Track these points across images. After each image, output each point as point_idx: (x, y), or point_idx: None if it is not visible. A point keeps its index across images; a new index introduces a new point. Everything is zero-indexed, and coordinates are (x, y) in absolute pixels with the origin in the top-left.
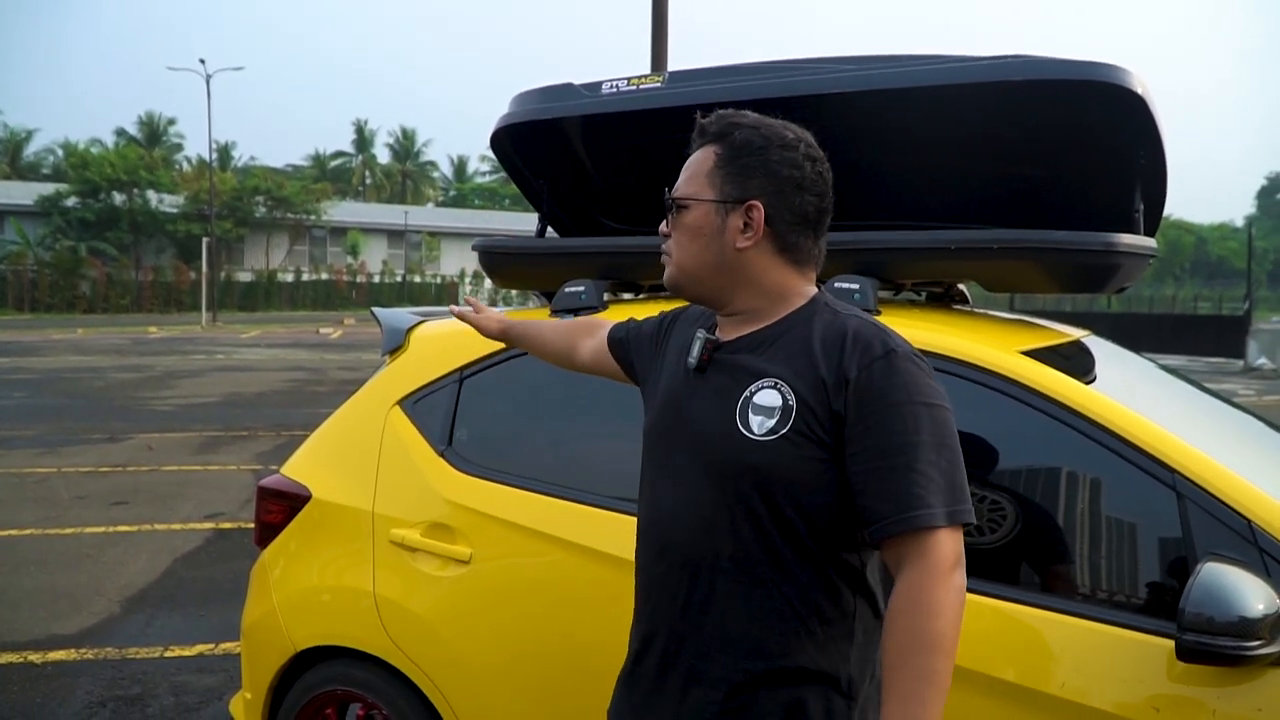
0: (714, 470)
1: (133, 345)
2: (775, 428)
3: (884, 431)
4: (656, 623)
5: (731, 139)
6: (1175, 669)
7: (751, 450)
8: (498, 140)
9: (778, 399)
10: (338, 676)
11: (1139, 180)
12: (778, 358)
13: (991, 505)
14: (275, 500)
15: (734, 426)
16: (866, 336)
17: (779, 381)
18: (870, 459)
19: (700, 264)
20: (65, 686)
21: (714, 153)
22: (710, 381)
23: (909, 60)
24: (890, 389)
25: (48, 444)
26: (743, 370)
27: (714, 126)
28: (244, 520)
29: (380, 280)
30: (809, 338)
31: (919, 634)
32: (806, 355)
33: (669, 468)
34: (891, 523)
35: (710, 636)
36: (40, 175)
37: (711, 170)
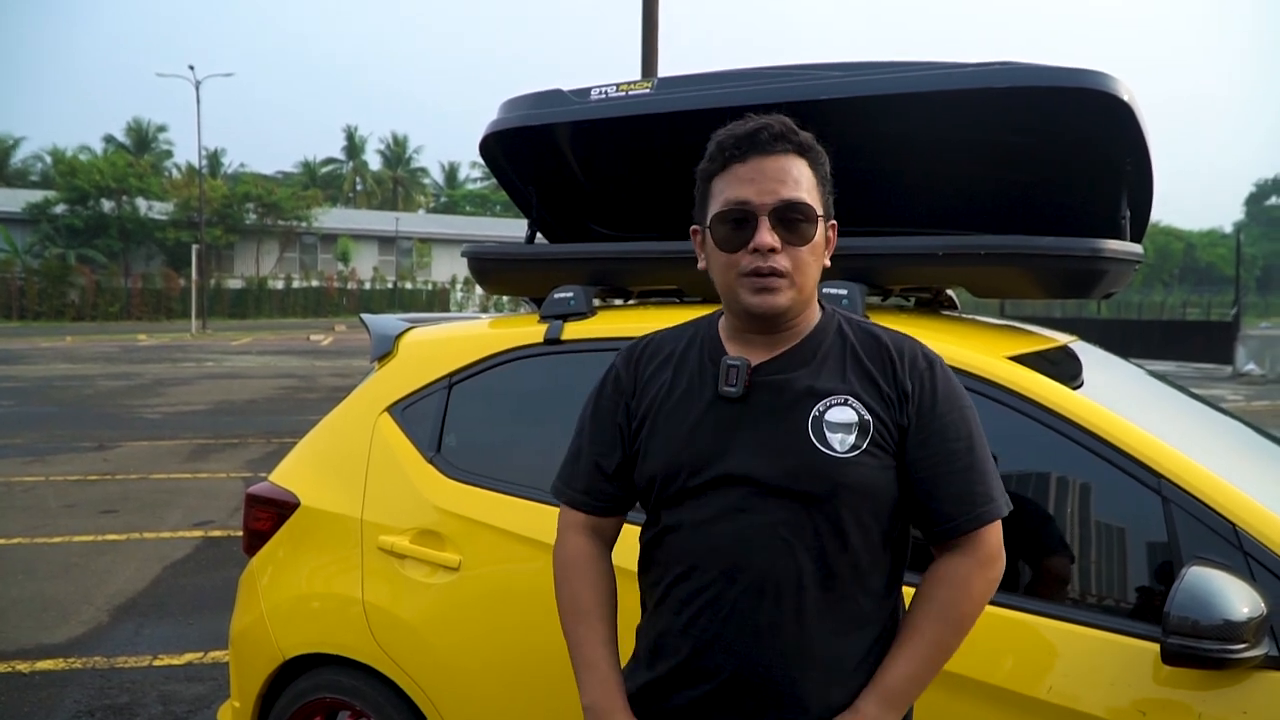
0: (793, 491)
1: (122, 353)
2: (857, 443)
3: (944, 439)
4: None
5: (816, 153)
6: (1161, 672)
7: (839, 468)
8: (487, 146)
9: (853, 415)
10: (326, 684)
11: (1125, 186)
12: (832, 373)
13: None
14: (263, 508)
15: (812, 446)
16: (908, 349)
17: (848, 398)
18: (936, 465)
19: (814, 284)
20: (53, 696)
21: (808, 165)
22: (758, 405)
23: (897, 67)
24: (941, 398)
25: (36, 452)
26: (798, 389)
27: (801, 136)
28: (233, 528)
29: (371, 287)
30: (848, 351)
31: (951, 610)
32: (860, 369)
33: (718, 497)
34: (965, 521)
35: (797, 659)
36: (28, 183)
37: (817, 184)
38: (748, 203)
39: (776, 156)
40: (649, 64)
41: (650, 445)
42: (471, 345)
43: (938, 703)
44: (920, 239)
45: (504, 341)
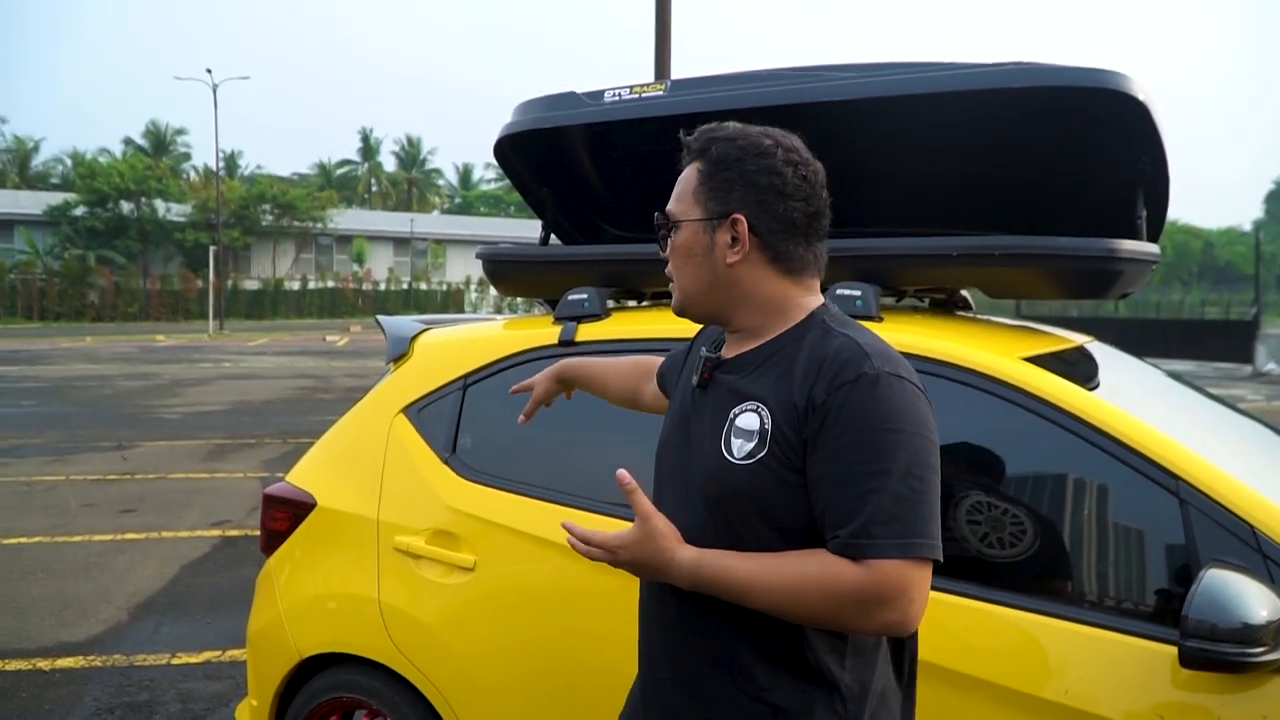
0: (702, 491)
1: (140, 353)
2: (753, 451)
3: (846, 458)
4: (651, 640)
5: (710, 154)
6: (1180, 676)
7: (730, 473)
8: (501, 149)
9: (756, 422)
10: (343, 683)
11: (1142, 186)
12: (764, 379)
13: (992, 512)
14: (280, 508)
15: (719, 448)
16: (844, 359)
17: (760, 405)
18: (827, 486)
19: (698, 285)
20: (73, 693)
21: (697, 169)
22: (709, 400)
23: (912, 67)
24: (854, 415)
25: (56, 452)
26: (731, 391)
27: (696, 143)
28: (250, 528)
29: (386, 288)
30: (796, 358)
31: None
32: (789, 378)
33: (671, 484)
34: (840, 544)
35: (698, 657)
36: (48, 185)
37: (696, 188)
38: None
39: (682, 172)
40: (662, 65)
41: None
42: (486, 347)
43: (954, 705)
44: (934, 240)
45: (519, 343)
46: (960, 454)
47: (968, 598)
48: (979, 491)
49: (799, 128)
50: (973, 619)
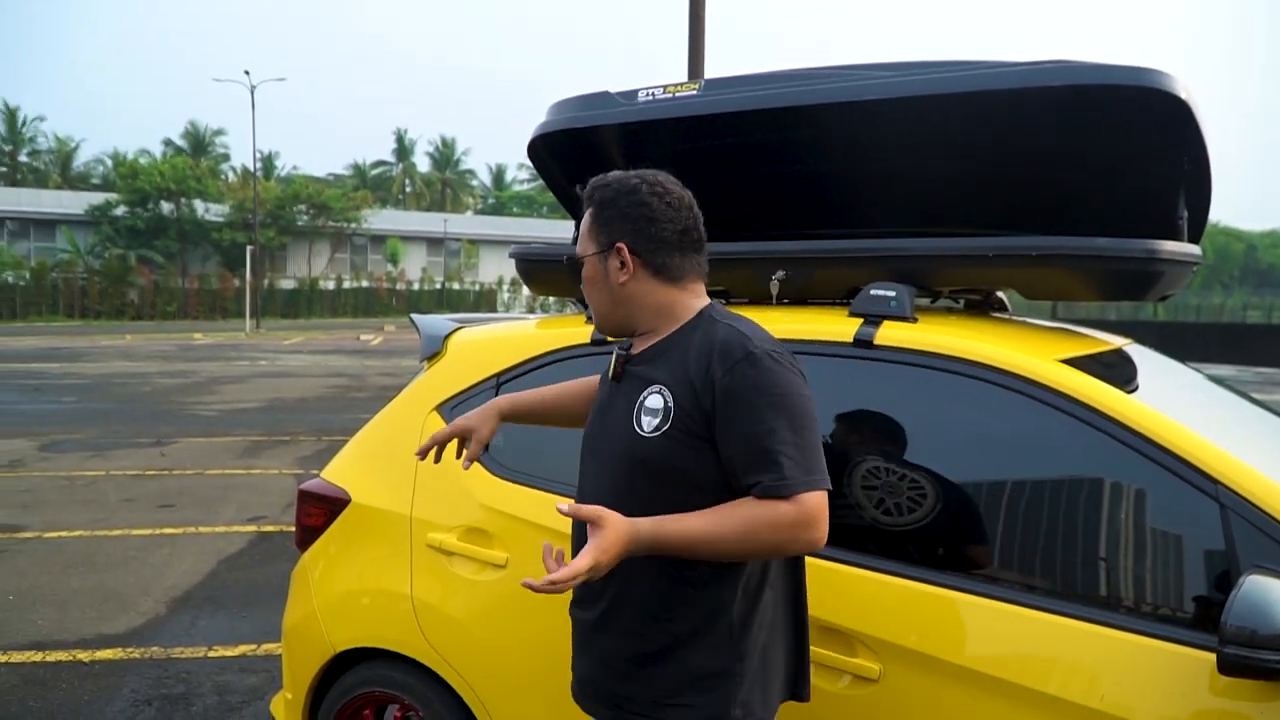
0: (616, 463)
1: (179, 351)
2: (659, 425)
3: (748, 422)
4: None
5: (594, 199)
6: (1218, 683)
7: (640, 445)
8: (535, 149)
9: (660, 401)
10: (376, 678)
11: (1183, 186)
12: (664, 366)
13: (1031, 515)
14: (316, 504)
15: (631, 427)
16: (730, 343)
17: (662, 387)
18: (739, 445)
19: (604, 305)
20: (112, 685)
21: (590, 214)
22: (622, 390)
23: (948, 66)
24: (748, 388)
25: (97, 447)
26: (640, 379)
27: (585, 194)
28: (285, 523)
29: (419, 287)
30: (689, 347)
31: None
32: (684, 362)
33: (593, 463)
34: (765, 490)
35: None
36: (89, 185)
37: (589, 228)
38: None
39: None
40: (695, 65)
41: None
42: (519, 346)
43: (991, 710)
44: (970, 240)
45: (551, 342)
46: (996, 457)
47: (1002, 601)
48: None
49: (833, 127)
50: (1009, 624)
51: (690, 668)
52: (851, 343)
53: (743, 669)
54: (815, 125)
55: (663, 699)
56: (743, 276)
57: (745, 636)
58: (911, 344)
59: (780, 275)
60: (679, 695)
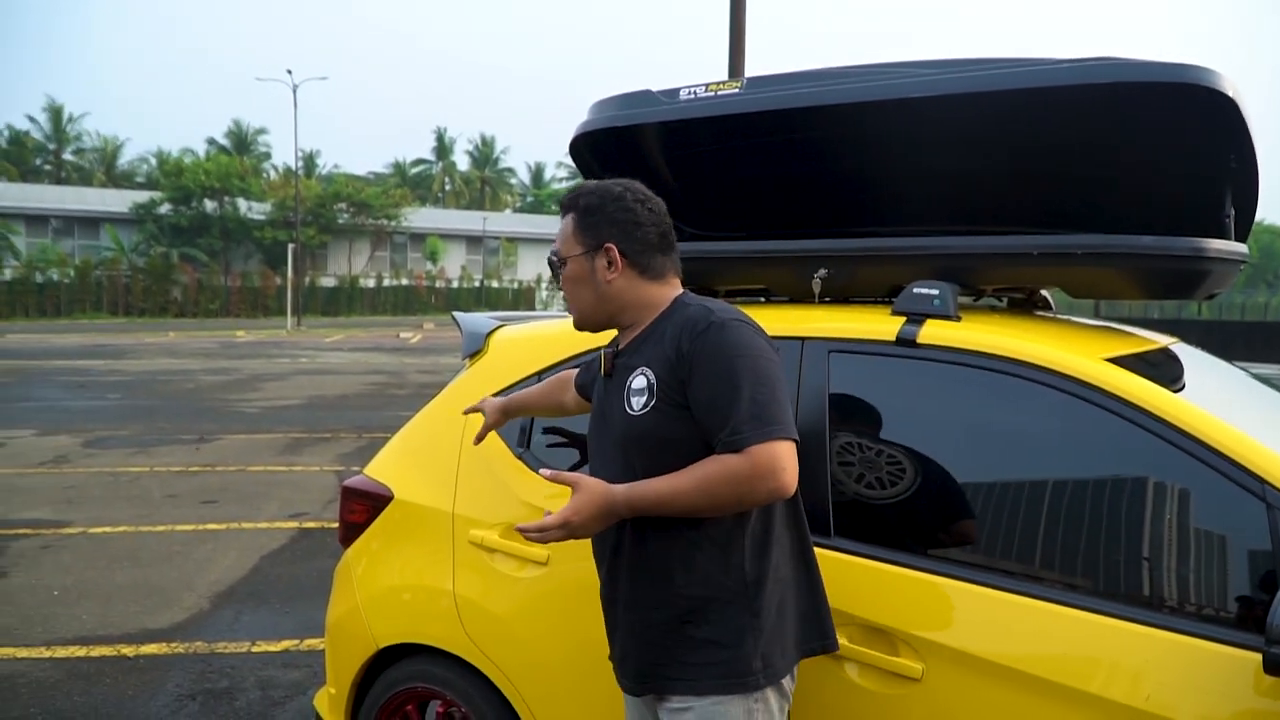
0: (614, 447)
1: (221, 349)
2: (646, 402)
3: (711, 382)
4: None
5: (579, 205)
6: (1263, 683)
7: (634, 423)
8: (577, 147)
9: (644, 381)
10: (419, 674)
11: (1230, 184)
12: (646, 350)
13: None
14: (359, 500)
15: (624, 411)
16: (695, 316)
17: (644, 367)
18: (703, 409)
19: (587, 303)
20: (156, 679)
21: (573, 218)
22: (614, 384)
23: (992, 63)
24: (712, 350)
25: (141, 444)
26: (627, 368)
27: (568, 200)
28: (327, 520)
29: (459, 285)
30: (662, 331)
31: (715, 476)
32: (660, 342)
33: (598, 455)
34: (723, 445)
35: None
36: (133, 184)
37: (573, 232)
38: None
39: (560, 224)
40: (736, 63)
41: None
42: (560, 344)
43: (1034, 709)
44: (1014, 238)
45: (591, 340)
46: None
47: (1046, 601)
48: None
49: (875, 125)
50: (1052, 623)
51: (711, 626)
52: (894, 341)
53: (760, 624)
54: (857, 123)
55: (687, 659)
56: (784, 275)
57: (760, 593)
58: (955, 343)
59: (822, 273)
60: (702, 653)
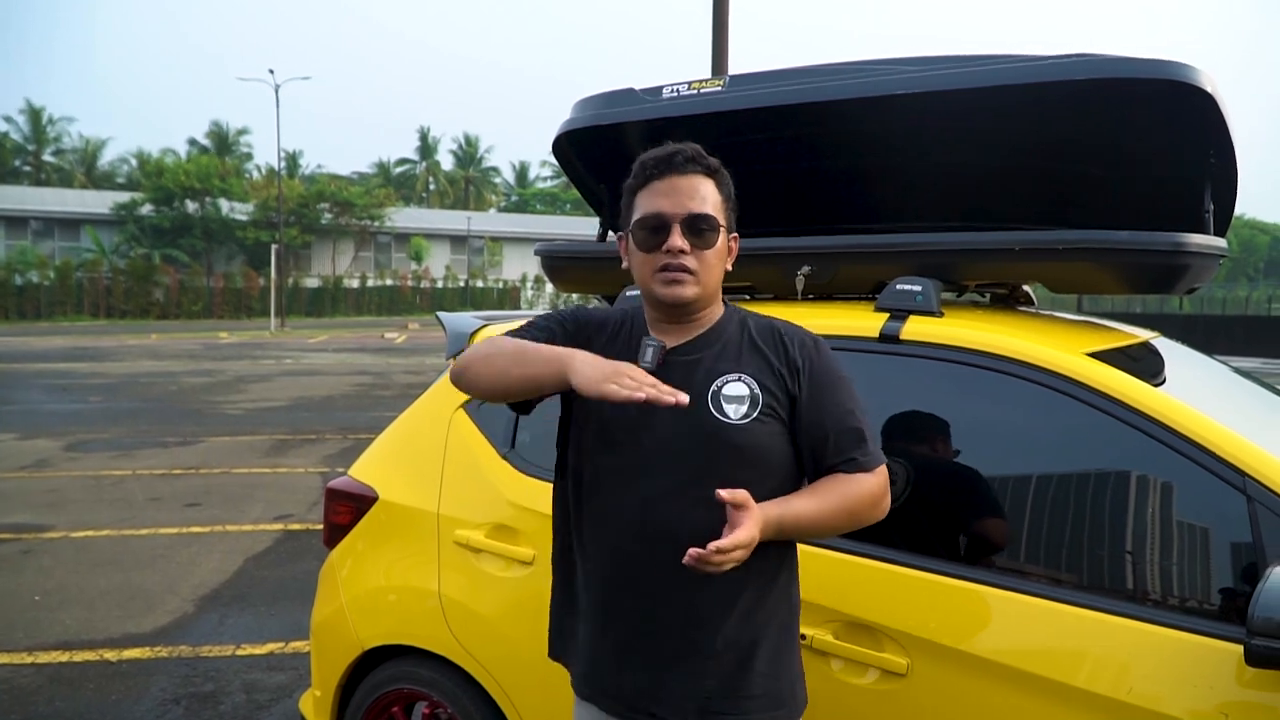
0: (696, 453)
1: (204, 350)
2: (747, 412)
3: (835, 399)
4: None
5: (723, 178)
6: (1245, 675)
7: (732, 432)
8: (559, 145)
9: (744, 389)
10: (404, 675)
11: (1209, 180)
12: (729, 356)
13: (1059, 509)
14: (343, 501)
15: (709, 414)
16: (793, 332)
17: (742, 375)
18: (832, 425)
19: (717, 282)
20: (140, 684)
21: (713, 185)
22: (670, 381)
23: (971, 61)
24: (827, 370)
25: (123, 446)
26: (703, 368)
27: (709, 161)
28: (312, 522)
29: (443, 285)
30: (745, 337)
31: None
32: (754, 350)
33: (638, 457)
34: (862, 462)
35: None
36: (114, 185)
37: (720, 202)
38: (662, 213)
39: (689, 176)
40: (719, 61)
41: (574, 404)
42: None
43: (1020, 703)
44: (996, 234)
45: None
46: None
47: (1030, 595)
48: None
49: (859, 122)
50: (1037, 617)
51: (765, 657)
52: (877, 338)
53: (798, 652)
54: (839, 121)
55: (746, 690)
56: (768, 272)
57: (797, 619)
58: (938, 338)
59: (806, 271)
60: (759, 683)
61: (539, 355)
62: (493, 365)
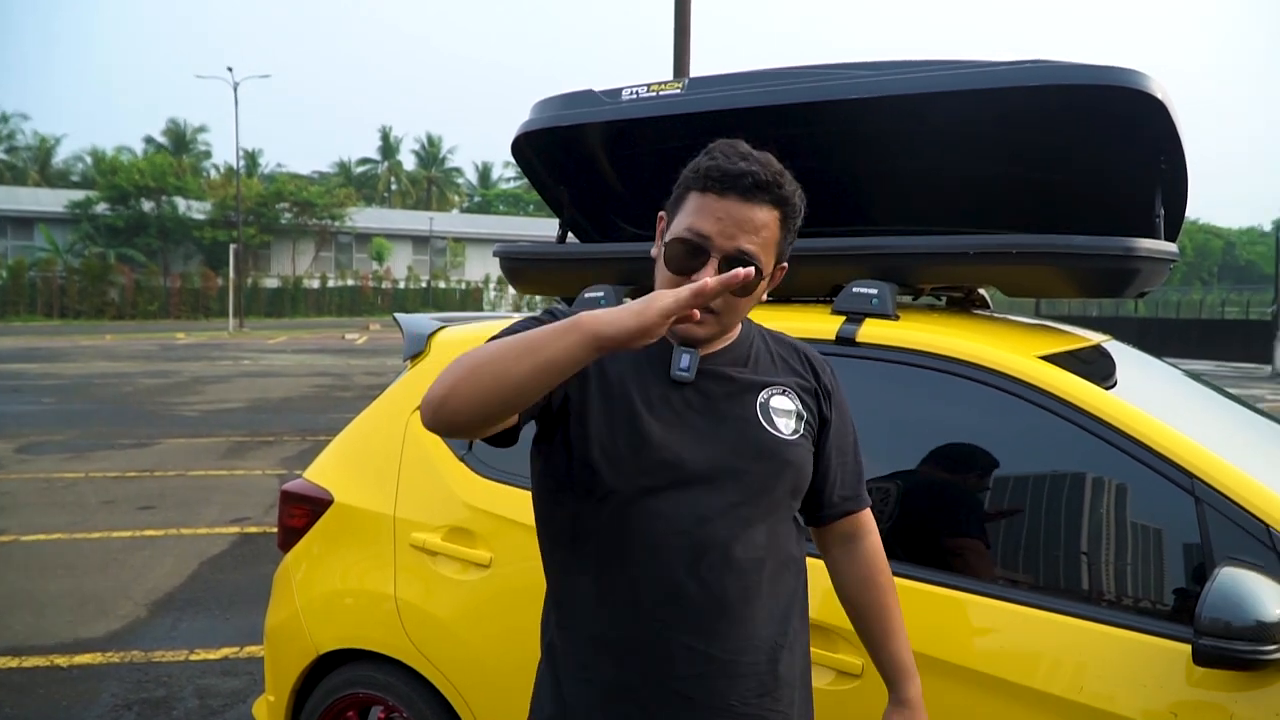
0: (757, 470)
1: (161, 351)
2: (796, 428)
3: (847, 433)
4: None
5: (792, 207)
6: (1194, 674)
7: (790, 449)
8: (519, 146)
9: (791, 404)
10: (360, 679)
11: (1160, 185)
12: (767, 369)
13: (1010, 510)
14: (298, 504)
15: (761, 428)
16: (817, 354)
17: (785, 388)
18: (843, 454)
19: (739, 318)
20: (91, 689)
21: (778, 218)
22: (708, 391)
23: (928, 65)
24: (843, 399)
25: (76, 449)
26: (744, 379)
27: (781, 187)
28: (269, 525)
29: (405, 286)
30: (773, 353)
31: (892, 583)
32: (787, 366)
33: (683, 473)
34: (858, 500)
35: (751, 632)
36: (69, 183)
37: (778, 240)
38: (708, 239)
39: (751, 205)
40: (681, 64)
41: (588, 417)
42: None
43: (975, 704)
44: (951, 238)
45: None
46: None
47: (985, 596)
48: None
49: (815, 126)
50: (993, 619)
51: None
52: (834, 340)
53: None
54: (797, 124)
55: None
56: None
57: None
58: (893, 341)
59: None
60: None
61: (544, 336)
62: (484, 375)
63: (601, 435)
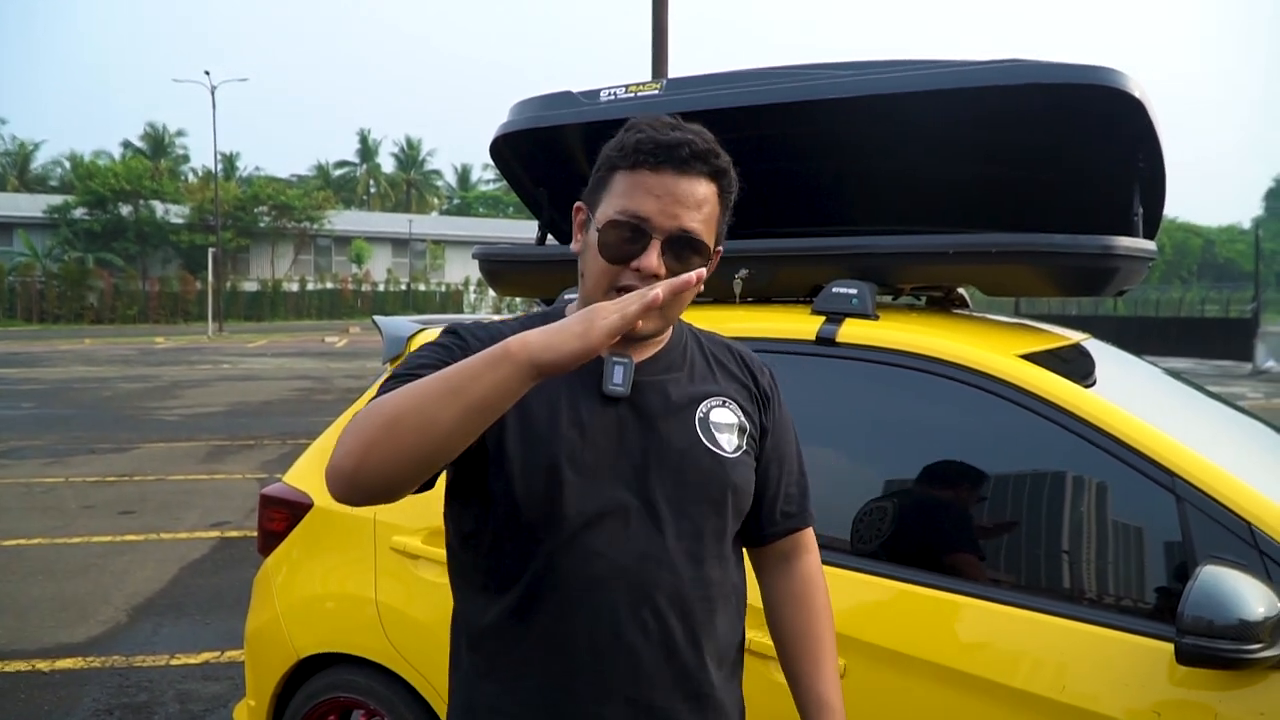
0: (701, 492)
1: (140, 355)
2: (739, 443)
3: (789, 443)
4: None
5: (729, 180)
6: (1177, 673)
7: (733, 468)
8: (497, 148)
9: (732, 417)
10: (340, 683)
11: (1138, 183)
12: (704, 377)
13: (991, 510)
14: (278, 508)
15: (704, 446)
16: (754, 357)
17: (725, 399)
18: (784, 465)
19: (681, 311)
20: (72, 695)
21: (715, 192)
22: (644, 405)
23: (907, 65)
24: (784, 405)
25: (55, 454)
26: (682, 391)
27: (719, 157)
28: (249, 529)
29: (385, 289)
30: (708, 353)
31: (828, 610)
32: (725, 373)
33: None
34: (806, 517)
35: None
36: (47, 187)
37: (716, 214)
38: (647, 220)
39: (690, 178)
40: (659, 65)
41: (506, 446)
42: None
43: (958, 704)
44: (930, 237)
45: None
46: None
47: (967, 596)
48: (976, 490)
49: (795, 126)
50: (974, 618)
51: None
52: (814, 340)
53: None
54: (775, 124)
55: None
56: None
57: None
58: (873, 341)
59: (743, 274)
60: None
61: (468, 371)
62: (403, 430)
63: (525, 466)
